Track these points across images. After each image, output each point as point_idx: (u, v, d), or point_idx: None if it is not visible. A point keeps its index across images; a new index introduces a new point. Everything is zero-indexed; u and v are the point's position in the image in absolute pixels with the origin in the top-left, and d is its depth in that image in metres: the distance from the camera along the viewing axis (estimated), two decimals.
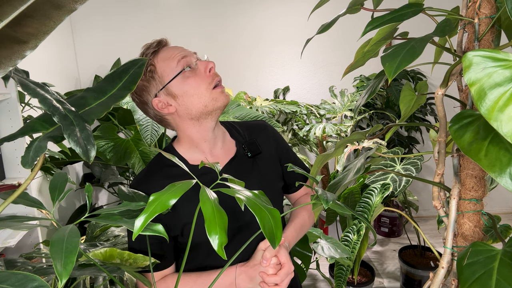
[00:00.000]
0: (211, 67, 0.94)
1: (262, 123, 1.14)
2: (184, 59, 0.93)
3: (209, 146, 1.00)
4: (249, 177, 0.99)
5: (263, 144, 1.07)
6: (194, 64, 0.94)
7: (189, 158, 0.99)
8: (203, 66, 0.94)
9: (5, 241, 1.47)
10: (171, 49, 0.95)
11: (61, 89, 2.82)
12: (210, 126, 0.97)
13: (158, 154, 1.03)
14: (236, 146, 1.05)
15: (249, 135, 1.08)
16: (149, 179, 0.97)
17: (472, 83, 0.48)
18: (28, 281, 0.42)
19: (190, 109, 0.94)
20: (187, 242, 0.90)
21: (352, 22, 2.44)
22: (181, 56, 0.93)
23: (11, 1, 0.38)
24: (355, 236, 2.04)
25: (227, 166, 1.00)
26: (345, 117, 2.96)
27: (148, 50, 0.95)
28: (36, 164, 0.51)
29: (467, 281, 0.57)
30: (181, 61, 0.93)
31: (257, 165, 1.03)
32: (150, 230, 0.60)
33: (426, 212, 3.63)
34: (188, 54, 0.95)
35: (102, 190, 3.39)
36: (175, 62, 0.92)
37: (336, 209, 0.73)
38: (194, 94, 0.93)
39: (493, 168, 0.50)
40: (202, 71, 0.94)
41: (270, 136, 1.10)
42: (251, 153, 1.03)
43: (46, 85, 0.54)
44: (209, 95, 0.93)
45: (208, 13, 3.20)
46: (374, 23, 0.65)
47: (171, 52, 0.94)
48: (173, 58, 0.93)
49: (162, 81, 0.93)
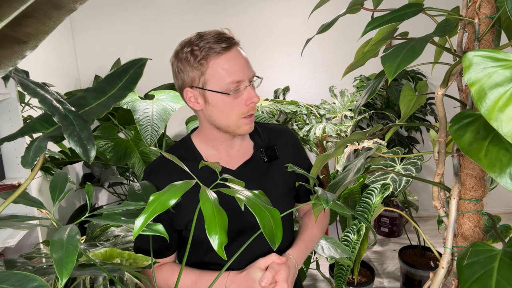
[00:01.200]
0: (253, 102, 0.92)
1: (283, 128, 1.11)
2: (237, 83, 0.89)
3: (225, 147, 1.00)
4: (262, 182, 0.99)
5: (281, 150, 1.05)
6: (242, 89, 0.90)
7: (204, 153, 1.00)
8: (247, 97, 0.91)
9: (5, 241, 1.47)
10: (234, 62, 0.89)
11: (61, 89, 2.82)
12: (228, 136, 0.98)
13: (172, 146, 1.03)
14: (253, 148, 1.03)
15: (269, 139, 1.06)
16: (163, 168, 0.97)
17: (472, 83, 0.48)
18: (28, 281, 0.42)
19: (213, 120, 0.93)
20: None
21: (352, 22, 2.44)
22: (236, 81, 0.88)
23: (11, 1, 0.38)
24: (355, 236, 2.04)
25: (241, 168, 0.99)
26: (345, 117, 2.96)
27: (215, 44, 0.87)
28: (36, 164, 0.51)
29: (467, 281, 0.57)
30: (233, 85, 0.88)
31: (271, 170, 1.02)
32: (150, 230, 0.60)
33: (426, 212, 3.63)
34: (244, 79, 0.90)
35: (102, 190, 3.39)
36: (228, 81, 0.88)
37: (336, 209, 0.73)
38: (223, 112, 0.91)
39: (493, 168, 0.50)
40: (243, 99, 0.91)
41: (289, 142, 1.08)
42: (268, 158, 1.02)
43: (46, 85, 0.54)
44: (235, 121, 0.92)
45: (209, 13, 3.20)
46: (374, 23, 0.65)
47: (233, 66, 0.88)
48: (230, 75, 0.87)
49: (204, 83, 0.89)
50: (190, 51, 0.89)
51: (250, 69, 0.92)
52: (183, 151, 1.00)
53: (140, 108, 2.09)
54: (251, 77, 0.92)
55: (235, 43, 0.90)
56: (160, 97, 2.24)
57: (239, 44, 0.92)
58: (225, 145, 0.99)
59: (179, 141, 1.05)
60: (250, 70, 0.92)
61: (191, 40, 0.90)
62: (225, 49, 0.88)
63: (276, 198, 0.87)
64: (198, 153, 0.99)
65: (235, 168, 0.99)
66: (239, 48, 0.92)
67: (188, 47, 0.89)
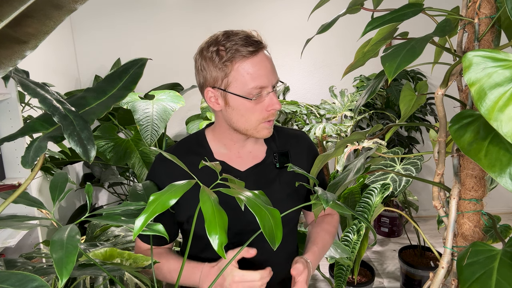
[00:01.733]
0: (274, 109, 0.90)
1: (301, 134, 1.09)
2: (260, 89, 0.87)
3: (237, 148, 0.99)
4: (270, 186, 0.98)
5: (295, 156, 1.03)
6: (265, 94, 0.89)
7: (215, 151, 1.00)
8: (269, 103, 0.89)
9: (5, 241, 1.47)
10: (260, 66, 0.87)
11: (61, 89, 2.82)
12: (243, 137, 0.97)
13: (186, 138, 1.04)
14: (266, 152, 1.02)
15: (284, 144, 1.04)
16: (178, 155, 0.96)
17: (472, 83, 0.48)
18: (28, 281, 0.42)
19: (232, 122, 0.92)
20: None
21: (352, 22, 2.44)
22: (260, 86, 0.87)
23: (11, 1, 0.38)
24: (355, 236, 2.04)
25: (250, 170, 0.98)
26: (345, 117, 2.96)
27: (242, 47, 0.85)
28: (36, 164, 0.51)
29: (467, 281, 0.57)
30: (256, 90, 0.86)
31: (281, 177, 1.00)
32: (150, 230, 0.60)
33: (426, 212, 3.63)
34: (268, 85, 0.88)
35: (102, 190, 3.39)
36: (251, 86, 0.86)
37: (336, 209, 0.73)
38: (243, 116, 0.90)
39: (493, 168, 0.50)
40: (265, 105, 0.89)
41: (305, 150, 1.05)
42: (280, 164, 1.00)
43: (46, 85, 0.54)
44: (255, 125, 0.91)
45: (209, 13, 3.20)
46: (374, 23, 0.65)
47: (258, 71, 0.86)
48: (254, 80, 0.86)
49: (226, 85, 0.88)
50: (216, 51, 0.86)
51: (275, 75, 0.90)
52: (195, 145, 1.01)
53: (140, 108, 2.09)
54: (275, 83, 0.90)
55: (262, 47, 0.88)
56: (160, 97, 2.24)
57: (266, 47, 0.90)
58: (238, 145, 0.99)
59: (193, 133, 1.05)
60: (275, 76, 0.90)
61: (218, 39, 0.88)
62: (252, 53, 0.85)
63: (284, 205, 0.86)
64: (209, 149, 0.99)
65: (243, 169, 0.98)
66: (266, 52, 0.89)
67: (214, 46, 0.87)
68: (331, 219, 1.12)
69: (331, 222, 1.11)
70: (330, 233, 1.07)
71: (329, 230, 1.07)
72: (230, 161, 0.98)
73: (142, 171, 2.29)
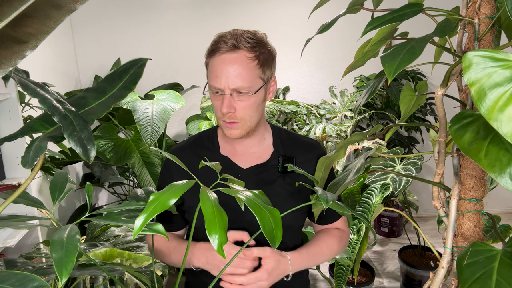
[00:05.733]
0: (222, 112, 0.90)
1: (314, 143, 1.07)
2: (214, 89, 0.91)
3: (242, 147, 1.02)
4: (270, 188, 0.97)
5: (302, 164, 1.01)
6: (221, 95, 0.91)
7: (222, 147, 1.03)
8: (219, 105, 0.92)
9: (5, 241, 1.47)
10: (218, 68, 0.91)
11: (61, 89, 2.82)
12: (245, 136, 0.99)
13: (202, 132, 1.10)
14: (271, 155, 1.02)
15: (292, 151, 1.03)
16: (184, 152, 1.04)
17: (472, 83, 0.48)
18: (28, 281, 0.42)
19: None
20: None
21: (352, 22, 2.44)
22: (213, 86, 0.91)
23: (11, 1, 0.38)
24: (355, 236, 2.04)
25: (252, 169, 0.99)
26: (345, 117, 2.96)
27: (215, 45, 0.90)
28: (36, 164, 0.51)
29: (467, 281, 0.57)
30: (211, 88, 0.93)
31: (283, 181, 1.00)
32: (150, 230, 0.60)
33: (426, 212, 3.63)
34: (222, 88, 0.89)
35: (102, 190, 3.38)
36: (209, 83, 0.93)
37: (336, 209, 0.73)
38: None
39: (493, 168, 0.50)
40: (218, 106, 0.92)
41: (314, 159, 1.01)
42: (283, 169, 0.99)
43: (46, 85, 0.54)
44: (219, 122, 0.96)
45: (209, 14, 3.20)
46: (374, 23, 0.65)
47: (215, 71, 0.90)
48: (210, 78, 0.92)
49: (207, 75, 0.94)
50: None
51: (235, 81, 0.87)
52: (206, 139, 1.06)
53: (140, 108, 2.09)
54: (233, 88, 0.88)
55: (229, 50, 0.87)
56: (160, 97, 2.24)
57: (244, 52, 0.88)
58: (242, 145, 1.01)
59: (210, 128, 1.10)
60: (235, 82, 0.87)
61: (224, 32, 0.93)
62: (214, 52, 0.90)
63: (279, 204, 0.86)
64: (218, 144, 1.04)
65: (245, 167, 1.00)
66: (236, 56, 0.87)
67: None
68: (338, 233, 1.07)
69: (336, 235, 1.06)
70: (329, 247, 1.03)
71: (330, 243, 1.03)
72: (233, 157, 1.01)
73: (142, 171, 2.29)
